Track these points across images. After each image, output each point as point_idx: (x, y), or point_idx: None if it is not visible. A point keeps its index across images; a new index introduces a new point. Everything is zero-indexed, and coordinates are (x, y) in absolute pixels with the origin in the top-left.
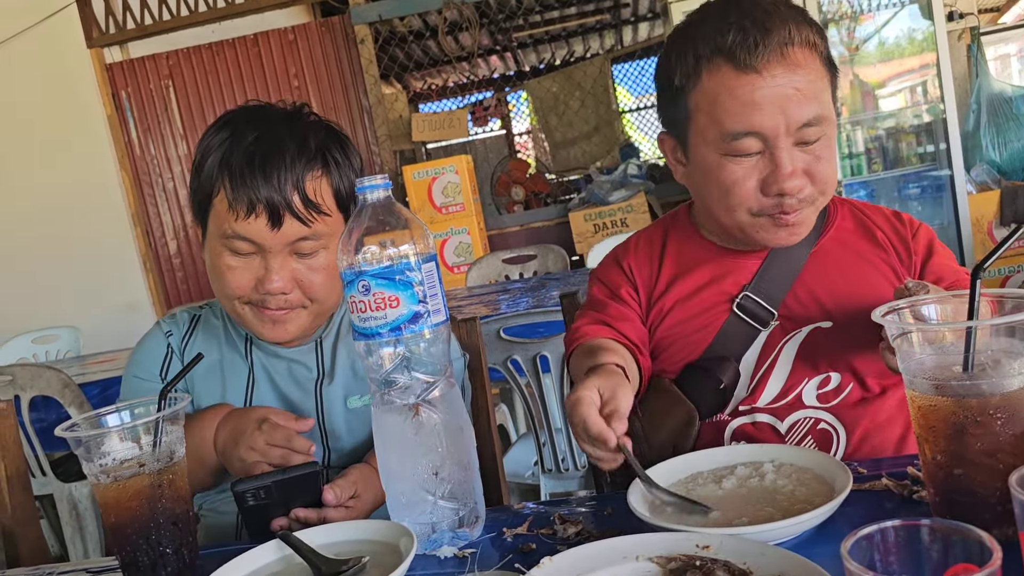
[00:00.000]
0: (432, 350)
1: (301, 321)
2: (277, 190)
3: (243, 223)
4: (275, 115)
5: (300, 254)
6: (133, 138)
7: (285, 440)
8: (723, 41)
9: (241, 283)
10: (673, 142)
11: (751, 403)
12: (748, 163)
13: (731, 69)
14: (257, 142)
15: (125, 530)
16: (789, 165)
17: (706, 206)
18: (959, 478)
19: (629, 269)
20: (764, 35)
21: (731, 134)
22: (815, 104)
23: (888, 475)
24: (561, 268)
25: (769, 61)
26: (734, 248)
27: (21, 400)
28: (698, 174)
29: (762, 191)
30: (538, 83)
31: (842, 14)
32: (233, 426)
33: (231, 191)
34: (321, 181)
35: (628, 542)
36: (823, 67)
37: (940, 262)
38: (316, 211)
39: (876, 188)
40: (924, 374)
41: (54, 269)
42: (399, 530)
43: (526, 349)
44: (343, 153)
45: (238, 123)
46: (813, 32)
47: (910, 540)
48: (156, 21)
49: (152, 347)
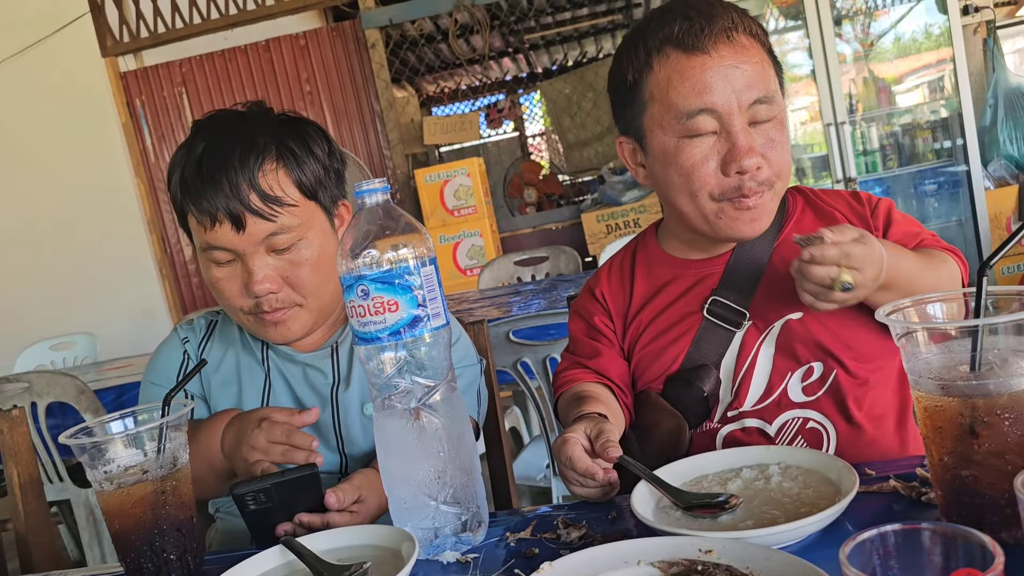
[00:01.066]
0: (432, 354)
1: (302, 320)
2: (231, 195)
3: (212, 234)
4: (225, 120)
5: (277, 250)
6: (148, 145)
7: (284, 436)
8: (670, 31)
9: (233, 292)
10: (632, 144)
11: (738, 407)
12: (705, 144)
13: (680, 54)
14: (205, 151)
15: (129, 537)
16: (745, 141)
17: (669, 200)
18: (967, 480)
19: (603, 296)
20: (709, 21)
21: (686, 113)
22: (764, 83)
23: (896, 477)
24: (573, 269)
25: (716, 43)
26: (699, 257)
27: (38, 406)
28: (658, 166)
29: (722, 171)
30: (551, 84)
31: (856, 10)
32: (237, 428)
33: (192, 206)
34: (277, 174)
35: (630, 546)
36: (768, 57)
37: (898, 229)
38: (277, 204)
39: (892, 185)
40: (930, 374)
41: (71, 276)
42: (401, 535)
43: (535, 351)
44: (300, 142)
45: (192, 137)
46: (755, 25)
47: (911, 544)
48: (169, 29)
49: (169, 353)
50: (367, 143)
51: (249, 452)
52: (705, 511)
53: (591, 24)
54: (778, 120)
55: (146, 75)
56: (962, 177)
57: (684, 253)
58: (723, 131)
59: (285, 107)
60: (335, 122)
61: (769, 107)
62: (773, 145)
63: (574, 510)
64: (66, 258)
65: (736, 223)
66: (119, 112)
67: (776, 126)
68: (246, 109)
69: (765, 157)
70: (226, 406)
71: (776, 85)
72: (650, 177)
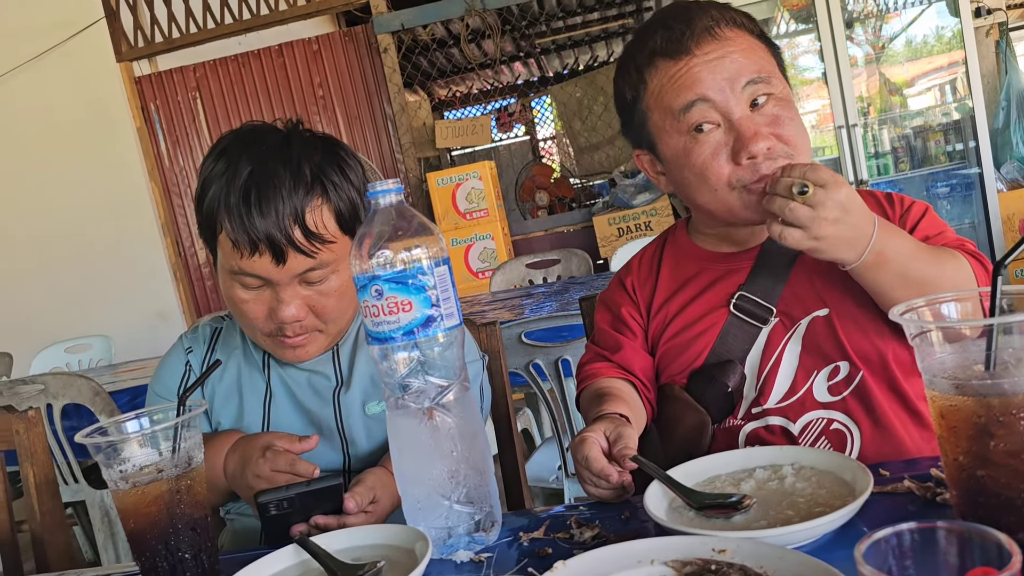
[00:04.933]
0: (446, 354)
1: (320, 343)
2: (277, 227)
3: (248, 261)
4: (269, 140)
5: (309, 282)
6: (162, 149)
7: (288, 465)
8: (654, 44)
9: (257, 315)
10: (647, 155)
11: (761, 404)
12: (712, 138)
13: (668, 61)
14: (251, 176)
15: (144, 536)
16: (750, 128)
17: (692, 200)
18: (982, 480)
19: (632, 287)
20: (688, 24)
21: (681, 108)
22: (754, 65)
23: (911, 477)
24: (585, 272)
25: (699, 42)
26: (728, 251)
27: (53, 408)
28: (674, 171)
29: (733, 160)
30: (562, 88)
31: (868, 12)
32: (240, 454)
33: (232, 231)
34: (322, 210)
35: (643, 546)
36: (759, 41)
37: (926, 224)
38: (319, 241)
39: (904, 187)
40: (944, 374)
41: (86, 279)
42: (415, 534)
43: (548, 353)
44: (340, 172)
45: (233, 154)
46: (739, 15)
47: (927, 543)
48: (183, 34)
49: (171, 364)
50: (379, 147)
51: (254, 480)
52: (718, 511)
53: (601, 28)
54: (779, 97)
55: (160, 80)
56: (975, 179)
57: (713, 246)
58: (725, 121)
59: (298, 111)
60: (348, 126)
61: (766, 85)
62: (780, 121)
63: (588, 510)
64: (81, 261)
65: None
66: (134, 116)
67: (779, 103)
68: (285, 128)
69: (776, 136)
70: (227, 416)
71: (772, 66)
72: (672, 184)
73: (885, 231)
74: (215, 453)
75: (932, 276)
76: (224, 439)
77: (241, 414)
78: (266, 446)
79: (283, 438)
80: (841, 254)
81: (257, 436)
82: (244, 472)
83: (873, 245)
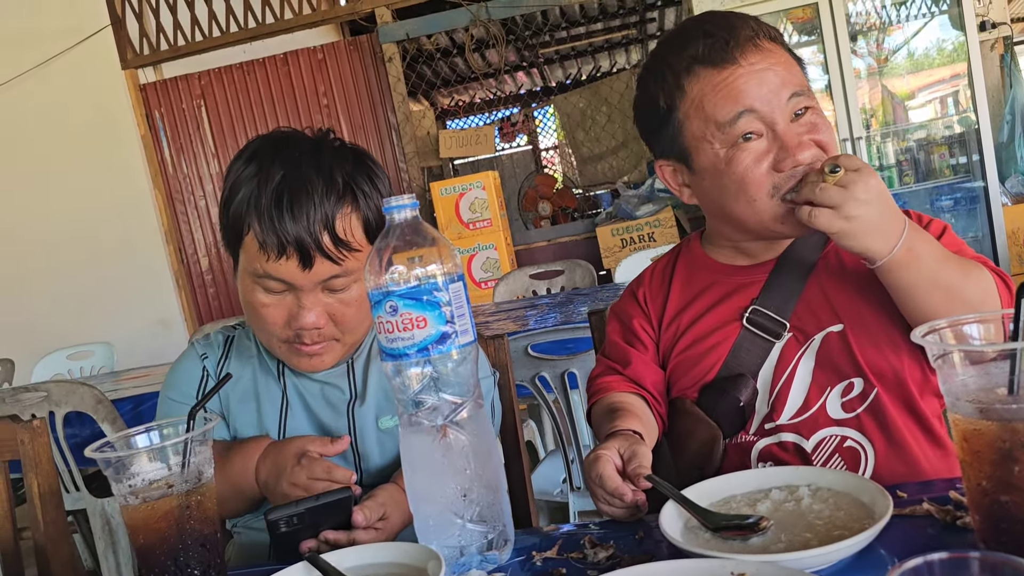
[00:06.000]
0: (460, 371)
1: (336, 353)
2: (307, 231)
3: (274, 264)
4: (301, 147)
5: (332, 290)
6: (166, 157)
7: (325, 472)
8: (695, 51)
9: (276, 320)
10: (672, 166)
11: (774, 420)
12: (755, 149)
13: (710, 69)
14: (284, 180)
15: (154, 551)
16: (795, 137)
17: (726, 210)
18: (1006, 505)
19: (644, 299)
20: (731, 33)
21: (727, 120)
22: (795, 78)
23: (930, 499)
24: (588, 283)
25: (744, 52)
26: (743, 264)
27: (56, 416)
28: (709, 179)
29: (775, 169)
30: (565, 98)
31: (871, 25)
32: (273, 461)
33: (260, 232)
34: (351, 218)
35: (660, 568)
36: (791, 57)
37: (946, 241)
38: (347, 248)
39: (908, 200)
40: (967, 396)
41: (89, 286)
42: (427, 553)
43: (554, 366)
44: (370, 182)
45: (264, 158)
46: (772, 29)
47: (958, 573)
48: (189, 42)
49: (188, 368)
50: (383, 156)
51: (291, 488)
52: (735, 533)
53: (605, 39)
54: (816, 108)
55: (165, 87)
56: (979, 193)
57: (728, 259)
58: (769, 131)
59: (303, 120)
60: (352, 135)
61: (807, 98)
62: (818, 129)
63: (601, 529)
64: (84, 268)
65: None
66: (138, 124)
67: (816, 113)
68: (315, 136)
69: (817, 143)
70: (245, 423)
71: (806, 81)
72: (698, 194)
73: (915, 230)
74: (245, 460)
75: (959, 284)
76: (254, 446)
77: (260, 420)
78: (300, 453)
79: (316, 442)
80: (871, 242)
81: (289, 442)
82: (279, 480)
83: (905, 240)
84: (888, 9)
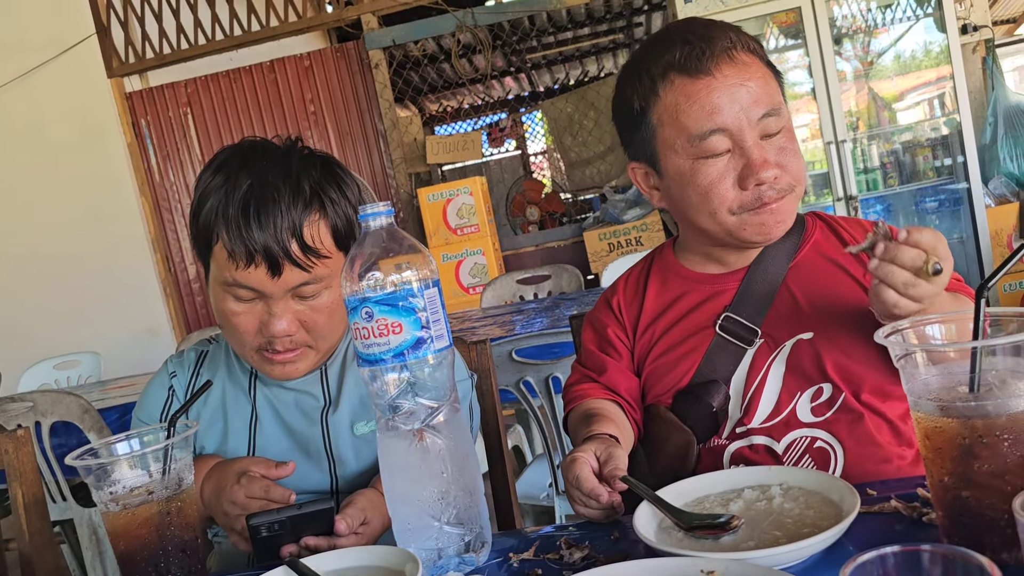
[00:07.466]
0: (436, 375)
1: (309, 361)
2: (274, 239)
3: (243, 272)
4: (269, 155)
5: (302, 297)
6: (153, 165)
7: (263, 492)
8: (672, 57)
9: (247, 329)
10: (644, 168)
11: (746, 424)
12: (720, 163)
13: (685, 78)
14: (251, 189)
15: (134, 558)
16: (760, 155)
17: (688, 218)
18: (967, 500)
19: (618, 308)
20: (708, 43)
21: (698, 135)
22: (769, 97)
23: (897, 497)
24: (576, 288)
25: (719, 64)
26: (715, 271)
27: (42, 426)
28: (674, 187)
29: (739, 186)
30: (552, 103)
31: (856, 28)
32: (215, 480)
33: (229, 241)
34: (319, 225)
35: (632, 568)
36: (768, 69)
37: None
38: (315, 256)
39: (893, 203)
40: (929, 395)
41: (76, 295)
42: (405, 556)
43: (538, 370)
44: (338, 189)
45: (232, 167)
46: (752, 41)
47: (911, 565)
48: (175, 50)
49: (154, 390)
50: (371, 162)
51: (229, 507)
52: (707, 532)
53: (592, 44)
54: (787, 130)
55: (151, 95)
56: (963, 195)
57: (701, 267)
58: (736, 148)
59: (290, 127)
60: (339, 142)
61: (777, 119)
62: (786, 153)
63: (577, 530)
64: (71, 277)
65: (762, 228)
66: (124, 132)
67: (786, 135)
68: (284, 145)
69: (781, 166)
70: (211, 440)
71: (780, 96)
72: (666, 199)
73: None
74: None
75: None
76: (202, 464)
77: (225, 438)
78: (241, 472)
79: (259, 463)
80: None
81: (233, 461)
82: (219, 499)
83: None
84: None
